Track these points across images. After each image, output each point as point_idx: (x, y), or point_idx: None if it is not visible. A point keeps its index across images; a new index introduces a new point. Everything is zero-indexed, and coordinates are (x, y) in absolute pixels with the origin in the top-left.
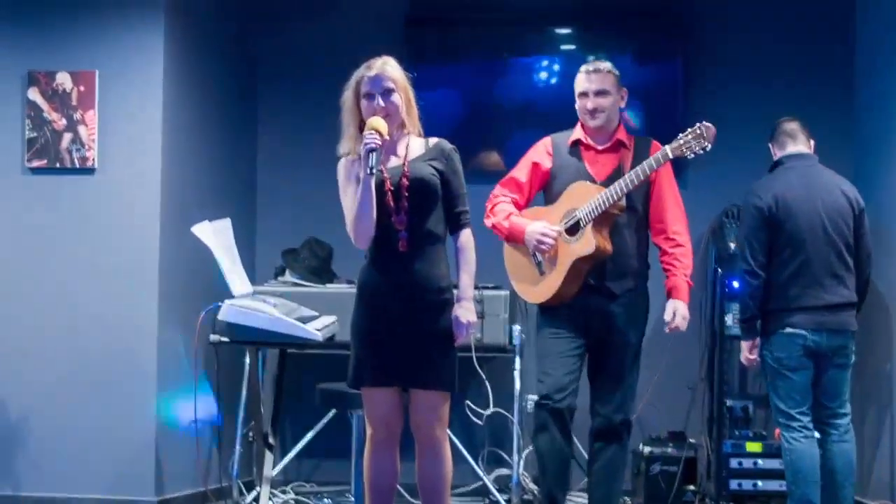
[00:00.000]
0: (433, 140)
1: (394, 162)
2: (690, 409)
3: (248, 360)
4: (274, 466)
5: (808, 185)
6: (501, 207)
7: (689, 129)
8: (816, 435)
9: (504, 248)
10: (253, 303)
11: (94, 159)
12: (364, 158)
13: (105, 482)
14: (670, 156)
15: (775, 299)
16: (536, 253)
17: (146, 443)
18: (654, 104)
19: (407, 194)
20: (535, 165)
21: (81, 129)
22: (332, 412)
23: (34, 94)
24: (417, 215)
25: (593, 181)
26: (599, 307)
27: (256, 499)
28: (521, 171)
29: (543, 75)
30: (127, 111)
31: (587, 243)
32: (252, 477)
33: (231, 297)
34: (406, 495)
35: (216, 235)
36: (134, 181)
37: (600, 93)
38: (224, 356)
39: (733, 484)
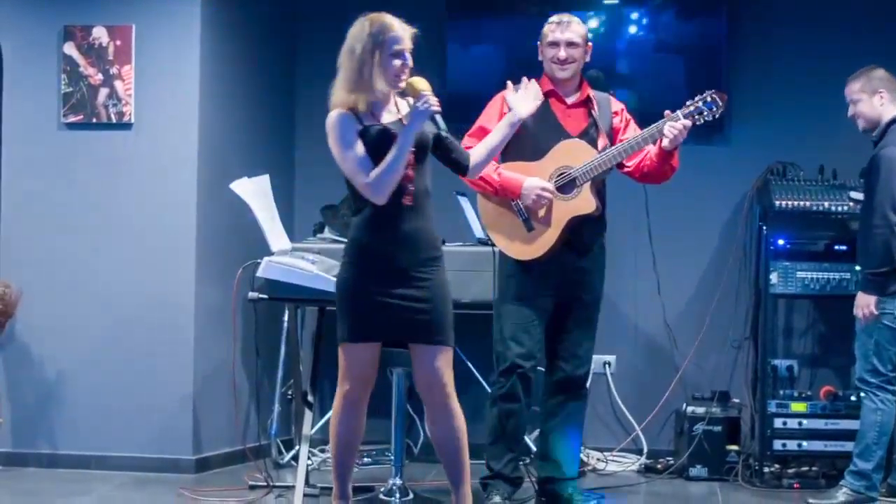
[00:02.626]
0: (411, 99)
1: (387, 118)
2: (735, 368)
3: (286, 317)
4: (313, 425)
5: None
6: None
7: (700, 96)
8: None
9: (479, 203)
10: (292, 259)
11: (131, 114)
12: (419, 119)
13: (143, 441)
14: (684, 123)
15: None
16: (526, 209)
17: (184, 401)
18: (697, 60)
19: (413, 150)
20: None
21: (118, 84)
22: None
23: (70, 49)
24: (417, 172)
25: (568, 135)
26: (572, 262)
27: (295, 457)
28: (492, 123)
29: None
30: (164, 66)
31: (587, 202)
32: (291, 435)
33: (270, 253)
34: None
35: (255, 192)
36: (171, 136)
37: (571, 44)
38: (262, 314)
39: (777, 444)
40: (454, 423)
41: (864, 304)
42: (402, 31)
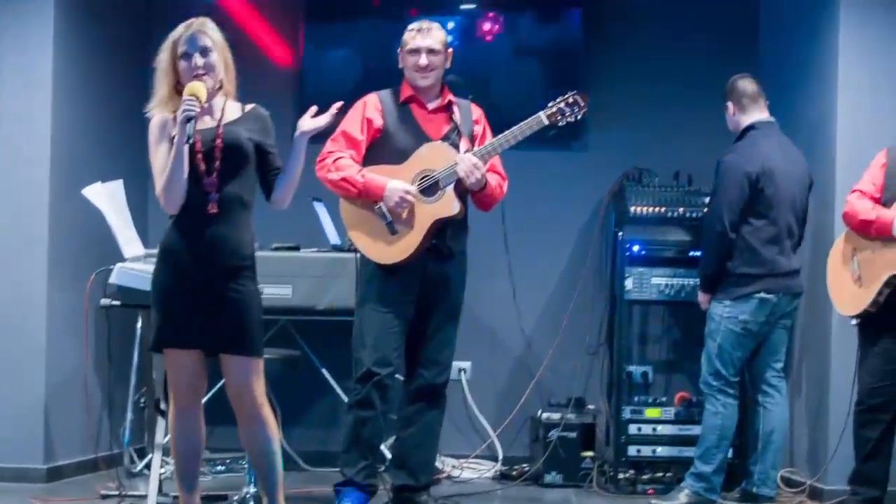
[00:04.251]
0: (249, 106)
1: (208, 123)
2: (590, 374)
3: (139, 324)
4: (166, 433)
5: (784, 156)
6: (347, 163)
7: (561, 97)
8: None
9: (341, 206)
10: (145, 266)
11: None
12: (181, 125)
13: None
14: (545, 122)
15: (751, 264)
16: (389, 212)
17: (35, 409)
18: (554, 63)
19: (220, 157)
20: (369, 122)
21: None
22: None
23: None
24: (228, 179)
25: (430, 140)
26: (435, 268)
27: (148, 466)
28: (354, 127)
29: None
30: (15, 67)
31: (450, 205)
32: (144, 444)
33: (123, 259)
34: (300, 462)
35: (108, 197)
36: (23, 140)
37: (432, 51)
38: (116, 320)
39: (632, 450)
40: (267, 432)
41: (700, 300)
42: (196, 30)
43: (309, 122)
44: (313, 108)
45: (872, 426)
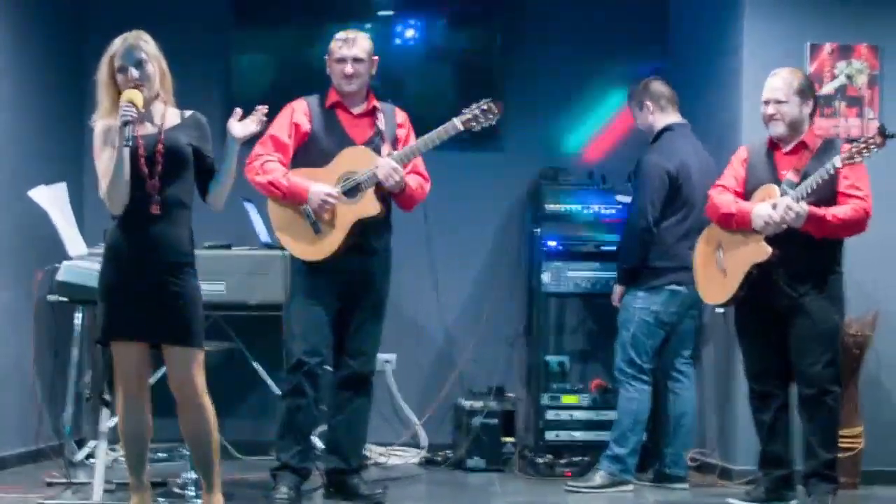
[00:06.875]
0: (188, 112)
1: (149, 129)
2: (510, 364)
3: (78, 318)
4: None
5: (698, 156)
6: (274, 166)
7: (476, 104)
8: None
9: (269, 207)
10: (89, 263)
11: None
12: (120, 130)
13: None
14: (460, 128)
15: (664, 258)
16: (313, 212)
17: None
18: (471, 69)
19: (162, 161)
20: (297, 126)
21: None
22: (165, 369)
23: None
24: (170, 182)
25: (353, 144)
26: (359, 264)
27: (88, 455)
28: (282, 132)
29: None
30: None
31: (371, 205)
32: (82, 435)
33: (66, 257)
34: (233, 451)
35: (52, 199)
36: None
37: (357, 59)
38: (61, 316)
39: (550, 435)
40: (206, 421)
41: (614, 294)
42: (131, 43)
43: (239, 127)
44: (238, 111)
45: (764, 410)
